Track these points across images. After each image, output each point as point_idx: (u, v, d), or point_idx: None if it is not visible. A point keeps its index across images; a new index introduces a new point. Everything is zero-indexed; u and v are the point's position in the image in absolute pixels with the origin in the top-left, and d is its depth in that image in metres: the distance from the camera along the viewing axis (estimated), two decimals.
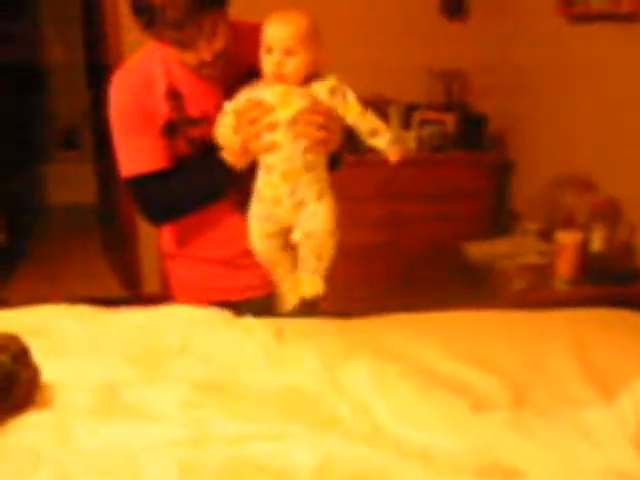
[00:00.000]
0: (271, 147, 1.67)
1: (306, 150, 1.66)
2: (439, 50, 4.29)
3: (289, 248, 1.79)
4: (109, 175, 4.31)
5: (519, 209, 4.09)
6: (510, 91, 4.19)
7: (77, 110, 6.29)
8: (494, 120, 4.22)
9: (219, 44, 1.71)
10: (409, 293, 3.59)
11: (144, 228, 4.19)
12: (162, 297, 2.59)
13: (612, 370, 1.68)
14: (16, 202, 5.88)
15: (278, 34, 1.63)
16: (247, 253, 1.84)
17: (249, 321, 1.83)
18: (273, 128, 1.66)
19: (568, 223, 3.24)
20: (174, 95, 1.84)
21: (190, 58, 1.74)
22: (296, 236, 1.74)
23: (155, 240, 3.95)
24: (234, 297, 2.05)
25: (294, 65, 1.63)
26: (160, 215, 1.96)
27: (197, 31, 1.67)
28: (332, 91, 1.67)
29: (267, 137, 1.66)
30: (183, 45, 1.70)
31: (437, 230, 3.93)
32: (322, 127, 1.66)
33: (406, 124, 4.10)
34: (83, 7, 5.15)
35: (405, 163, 1.76)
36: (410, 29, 4.27)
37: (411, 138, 4.03)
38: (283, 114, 1.65)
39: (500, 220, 4.07)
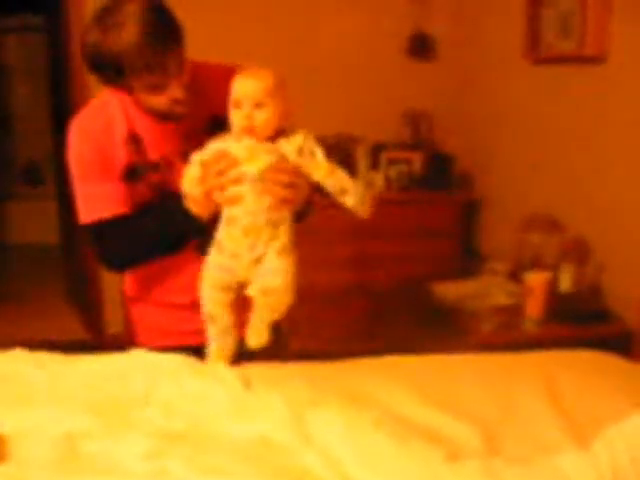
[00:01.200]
0: (235, 200, 1.66)
1: (270, 207, 1.66)
2: (406, 90, 4.33)
3: (234, 309, 1.77)
4: (72, 214, 4.27)
5: (487, 249, 4.12)
6: (477, 131, 4.23)
7: (41, 147, 6.26)
8: (461, 159, 4.26)
9: (185, 79, 1.72)
10: (378, 334, 3.58)
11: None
12: (125, 340, 2.55)
13: (584, 413, 1.67)
14: None
15: (247, 88, 1.63)
16: None
17: (215, 368, 1.79)
18: (239, 182, 1.65)
19: (536, 263, 3.25)
20: (134, 139, 1.83)
21: (161, 101, 1.73)
22: (251, 291, 1.73)
23: (119, 282, 3.94)
24: (201, 340, 1.97)
25: (264, 118, 1.64)
26: (120, 262, 1.93)
27: (165, 72, 1.67)
28: (300, 149, 1.67)
29: (232, 190, 1.66)
30: (155, 88, 1.69)
31: (405, 270, 3.92)
32: (288, 186, 1.65)
33: (374, 163, 4.12)
34: (49, 51, 5.17)
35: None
36: (378, 69, 4.31)
37: (379, 179, 4.03)
38: (249, 169, 1.65)
39: (468, 260, 4.07)
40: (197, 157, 1.70)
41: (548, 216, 3.43)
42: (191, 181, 1.70)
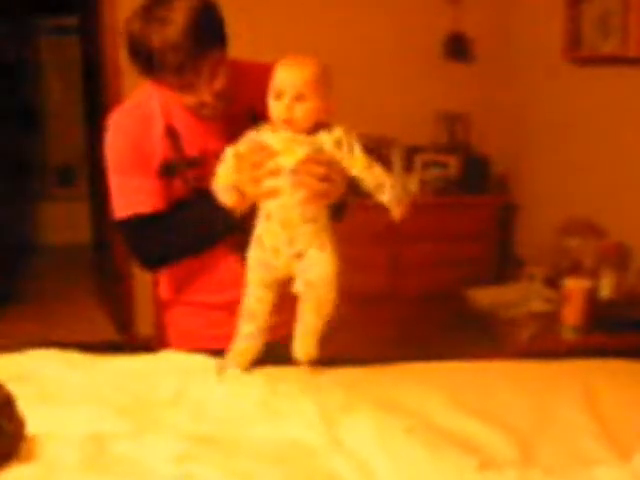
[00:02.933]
0: (271, 194, 1.63)
1: (304, 201, 1.63)
2: (442, 92, 4.30)
3: (274, 310, 1.74)
4: (104, 215, 4.32)
5: (524, 254, 4.06)
6: (514, 133, 4.19)
7: (74, 148, 6.32)
8: (498, 162, 4.23)
9: (219, 85, 1.70)
10: (411, 340, 3.54)
11: (138, 270, 4.11)
12: (155, 341, 2.55)
13: (624, 425, 1.62)
14: (7, 240, 5.85)
15: (290, 79, 1.60)
16: None
17: (245, 371, 1.77)
18: (275, 174, 1.62)
19: (575, 269, 3.20)
20: (172, 134, 1.81)
21: (189, 100, 1.72)
22: (298, 287, 1.70)
23: (150, 283, 3.96)
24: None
25: (304, 111, 1.60)
26: (154, 260, 1.91)
27: (196, 75, 1.65)
28: (338, 142, 1.63)
29: (268, 183, 1.63)
30: (182, 89, 1.68)
31: (440, 275, 3.89)
32: (324, 179, 1.62)
33: (408, 166, 4.09)
34: (83, 49, 5.21)
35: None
36: (413, 71, 4.28)
37: (414, 182, 4.00)
38: (286, 161, 1.62)
39: (505, 265, 4.03)
40: (231, 150, 1.67)
41: (587, 220, 3.39)
42: (225, 174, 1.68)
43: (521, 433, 1.59)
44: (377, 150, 3.96)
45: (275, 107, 1.61)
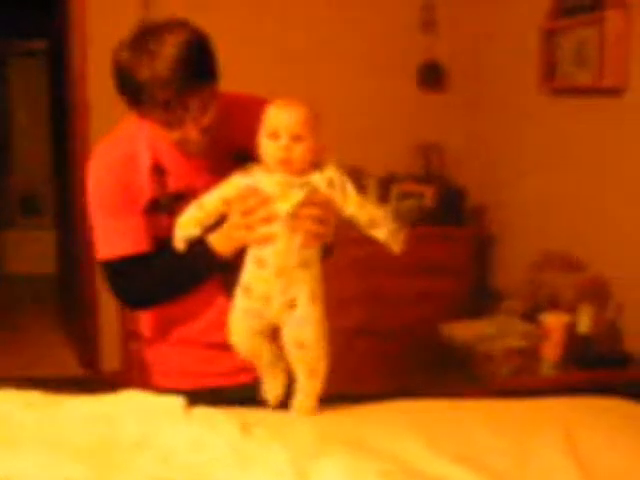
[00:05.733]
0: (267, 240, 1.59)
1: (303, 245, 1.60)
2: (417, 121, 4.31)
3: (272, 341, 1.71)
4: (70, 245, 4.25)
5: (501, 287, 4.03)
6: (490, 164, 4.17)
7: (40, 175, 6.26)
8: (474, 193, 4.20)
9: (206, 121, 1.66)
10: (387, 377, 3.50)
11: (104, 301, 4.13)
12: (121, 378, 2.47)
13: (604, 466, 1.58)
14: None
15: (285, 119, 1.58)
16: None
17: (213, 413, 1.71)
18: (269, 221, 1.59)
19: (553, 303, 3.16)
20: (158, 171, 1.78)
21: (175, 135, 1.67)
22: (288, 345, 1.68)
23: (115, 316, 3.89)
24: (221, 382, 1.95)
25: (302, 151, 1.58)
26: (139, 300, 1.87)
27: (185, 110, 1.61)
28: (331, 182, 1.62)
29: (262, 230, 1.60)
30: (169, 125, 1.64)
31: (415, 309, 3.84)
32: (320, 220, 1.60)
33: (384, 197, 4.05)
34: (50, 79, 5.16)
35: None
36: (388, 100, 4.28)
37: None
38: (283, 207, 1.59)
39: (482, 299, 3.98)
40: (217, 193, 1.65)
41: (565, 253, 3.35)
42: (188, 222, 1.66)
43: (500, 476, 1.54)
44: (352, 180, 3.93)
45: (271, 147, 1.59)
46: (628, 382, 2.76)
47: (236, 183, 1.63)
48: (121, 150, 1.80)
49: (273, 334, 1.70)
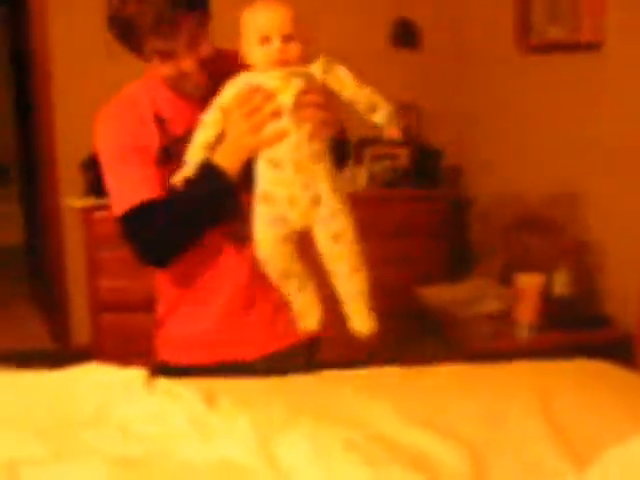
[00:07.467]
0: (278, 137, 1.58)
1: (312, 135, 1.58)
2: (391, 81, 4.22)
3: (302, 258, 1.69)
4: (36, 217, 4.18)
5: (477, 249, 4.02)
6: (466, 124, 4.13)
7: (6, 147, 6.16)
8: (449, 154, 4.15)
9: (203, 53, 1.67)
10: (359, 342, 3.46)
11: (73, 273, 4.08)
12: (92, 350, 2.41)
13: (580, 431, 1.56)
14: None
15: (274, 20, 1.57)
16: (250, 298, 1.86)
17: (175, 385, 1.68)
18: (277, 116, 1.57)
19: (529, 265, 3.14)
20: (159, 120, 1.80)
21: (170, 70, 1.68)
22: (322, 244, 1.64)
23: (85, 289, 3.83)
24: (230, 355, 1.93)
25: (295, 49, 1.59)
26: (161, 249, 1.80)
27: (175, 37, 1.63)
28: (325, 69, 1.62)
29: (272, 127, 1.58)
30: (163, 55, 1.65)
31: (389, 273, 3.76)
32: (324, 107, 1.61)
33: (357, 159, 3.99)
34: (10, 44, 5.06)
35: (354, 200, 1.67)
36: (360, 60, 4.17)
37: (362, 176, 3.91)
38: (286, 98, 1.57)
39: (458, 262, 3.97)
40: (217, 105, 1.63)
41: (542, 215, 3.35)
42: (193, 149, 1.64)
43: (473, 445, 1.51)
44: None
45: (264, 52, 1.57)
46: (606, 343, 2.77)
47: (232, 88, 1.62)
48: (126, 105, 1.84)
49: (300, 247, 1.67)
